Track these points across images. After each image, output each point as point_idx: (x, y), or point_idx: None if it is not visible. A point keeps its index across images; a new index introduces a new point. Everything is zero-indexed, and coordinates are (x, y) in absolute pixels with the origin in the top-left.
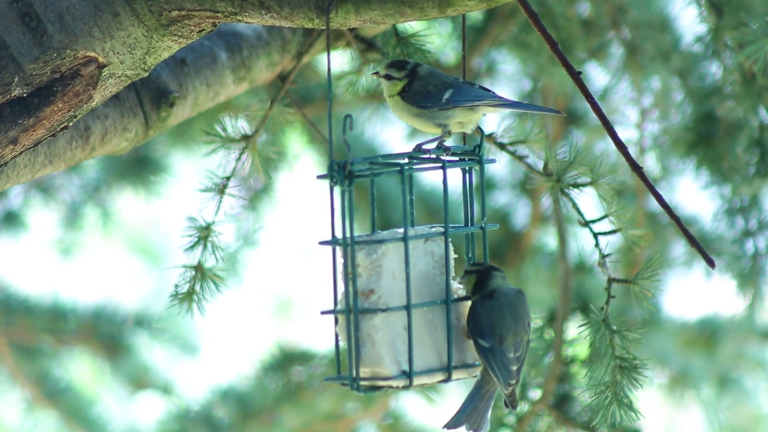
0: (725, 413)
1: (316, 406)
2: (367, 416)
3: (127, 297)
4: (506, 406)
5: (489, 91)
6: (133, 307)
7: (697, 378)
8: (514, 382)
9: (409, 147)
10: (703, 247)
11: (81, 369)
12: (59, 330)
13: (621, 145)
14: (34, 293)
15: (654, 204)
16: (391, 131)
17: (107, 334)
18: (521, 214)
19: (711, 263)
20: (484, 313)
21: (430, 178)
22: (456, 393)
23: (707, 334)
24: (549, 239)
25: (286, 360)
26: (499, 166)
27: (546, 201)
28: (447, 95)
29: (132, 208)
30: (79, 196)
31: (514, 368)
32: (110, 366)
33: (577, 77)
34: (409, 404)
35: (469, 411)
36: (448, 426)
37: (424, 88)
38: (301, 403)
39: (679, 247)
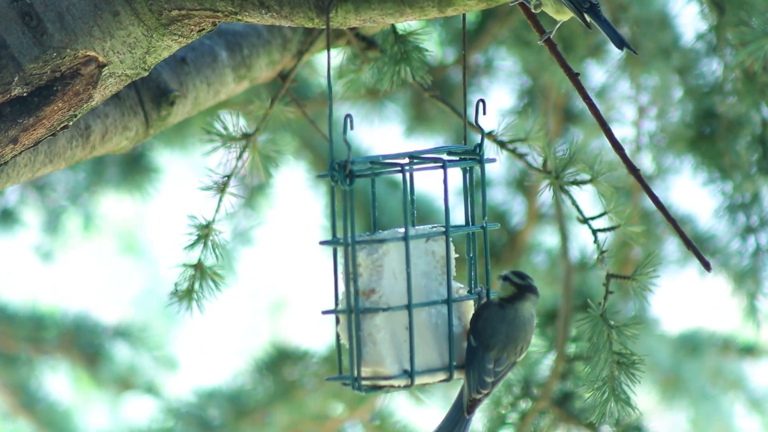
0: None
1: (308, 405)
2: (354, 417)
3: (111, 303)
4: (465, 410)
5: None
6: (114, 317)
7: (687, 380)
8: (484, 392)
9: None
10: (698, 250)
11: (59, 378)
12: (39, 339)
13: (618, 146)
14: (15, 300)
15: (649, 202)
16: (388, 130)
17: (88, 344)
18: (517, 212)
19: (707, 266)
20: (485, 315)
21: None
22: (452, 391)
23: (689, 348)
24: (545, 237)
25: (280, 358)
26: (495, 164)
27: (543, 199)
28: None
29: (122, 207)
30: (62, 199)
31: (489, 380)
32: (94, 368)
33: (574, 78)
34: (397, 405)
35: (451, 420)
36: None
37: None
38: (293, 402)
39: (673, 246)
